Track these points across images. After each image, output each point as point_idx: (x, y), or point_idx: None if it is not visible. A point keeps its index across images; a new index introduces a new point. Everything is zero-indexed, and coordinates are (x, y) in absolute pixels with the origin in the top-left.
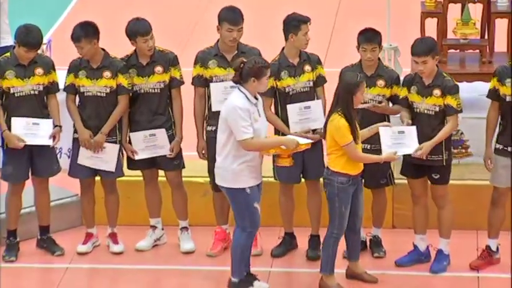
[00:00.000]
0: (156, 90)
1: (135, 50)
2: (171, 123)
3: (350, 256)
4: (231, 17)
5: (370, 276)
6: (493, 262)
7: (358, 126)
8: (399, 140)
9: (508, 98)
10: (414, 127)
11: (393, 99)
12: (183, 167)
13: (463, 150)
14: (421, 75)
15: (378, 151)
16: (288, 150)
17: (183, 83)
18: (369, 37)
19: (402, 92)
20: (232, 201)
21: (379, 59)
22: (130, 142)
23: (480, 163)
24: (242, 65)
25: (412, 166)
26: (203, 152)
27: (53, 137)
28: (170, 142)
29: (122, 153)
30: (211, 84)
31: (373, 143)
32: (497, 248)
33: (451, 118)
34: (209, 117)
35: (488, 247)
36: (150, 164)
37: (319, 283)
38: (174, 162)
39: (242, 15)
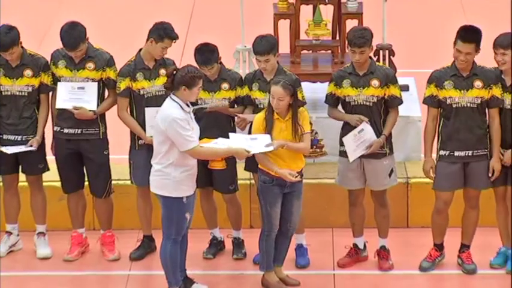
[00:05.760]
0: (23, 93)
1: None
2: (36, 128)
3: (274, 260)
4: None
5: (292, 280)
6: (360, 260)
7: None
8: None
9: (347, 99)
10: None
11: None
12: (48, 169)
13: (318, 150)
14: (264, 72)
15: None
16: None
17: (53, 88)
18: (204, 60)
19: (244, 92)
20: (166, 209)
21: (221, 63)
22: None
23: (334, 162)
24: (175, 72)
25: None
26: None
27: None
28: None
29: None
30: (59, 83)
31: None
32: (365, 245)
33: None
34: (56, 117)
35: (355, 245)
36: (13, 169)
37: (261, 280)
38: (39, 166)
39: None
